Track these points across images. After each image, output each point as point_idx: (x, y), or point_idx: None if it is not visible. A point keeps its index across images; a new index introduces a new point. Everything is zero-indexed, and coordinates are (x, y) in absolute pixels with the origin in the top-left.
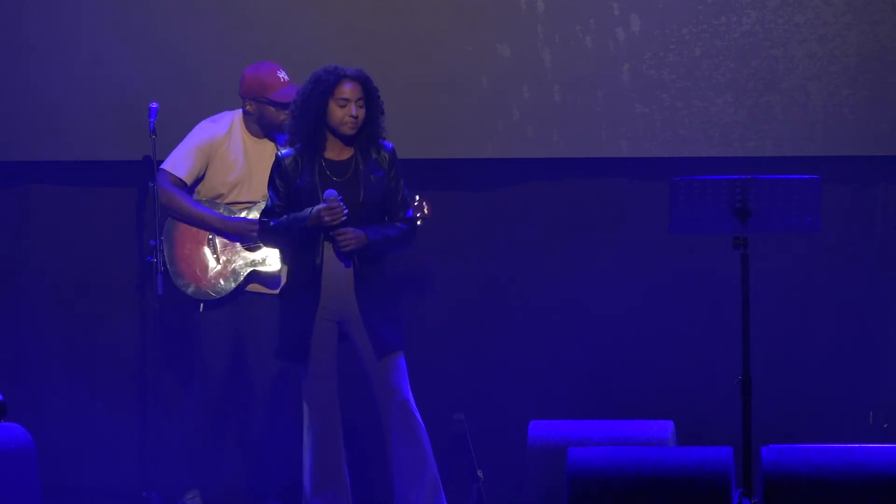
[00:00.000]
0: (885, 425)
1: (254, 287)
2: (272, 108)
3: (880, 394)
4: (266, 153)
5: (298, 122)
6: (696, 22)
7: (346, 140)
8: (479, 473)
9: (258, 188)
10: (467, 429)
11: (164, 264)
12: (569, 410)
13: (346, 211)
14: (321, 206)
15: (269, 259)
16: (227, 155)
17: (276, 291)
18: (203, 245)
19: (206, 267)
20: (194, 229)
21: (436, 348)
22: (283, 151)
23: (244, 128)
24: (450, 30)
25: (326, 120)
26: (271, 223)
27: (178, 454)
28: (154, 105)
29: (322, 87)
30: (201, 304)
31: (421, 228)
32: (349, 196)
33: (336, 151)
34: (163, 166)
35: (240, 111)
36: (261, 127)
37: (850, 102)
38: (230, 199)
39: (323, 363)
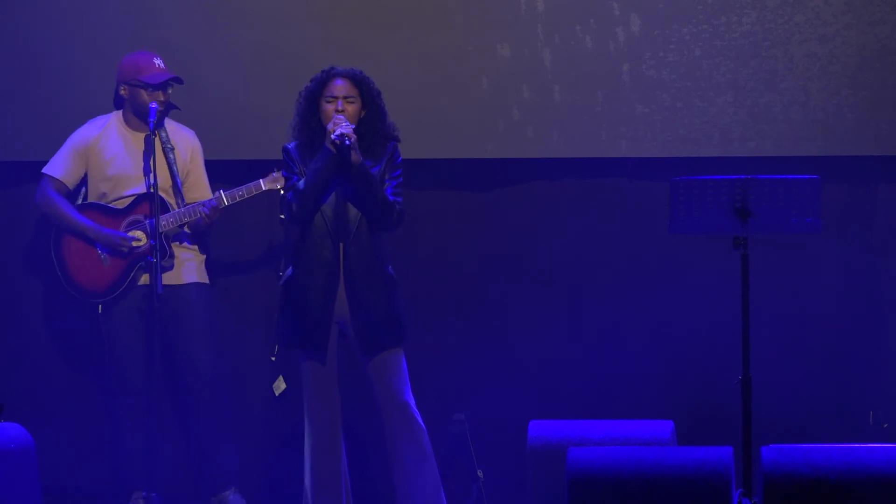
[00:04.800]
0: (886, 425)
1: (147, 279)
2: (143, 92)
3: (880, 394)
4: (148, 146)
5: (299, 120)
6: (696, 22)
7: None
8: (479, 473)
9: (144, 180)
10: (467, 429)
11: (57, 270)
12: (569, 410)
13: (344, 119)
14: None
15: (163, 252)
16: (104, 152)
17: (170, 281)
18: (90, 250)
19: (94, 269)
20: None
21: (436, 348)
22: (289, 144)
23: (123, 123)
24: (450, 30)
25: (321, 117)
26: (299, 183)
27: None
28: (153, 105)
29: (314, 86)
30: (99, 306)
31: (420, 228)
32: (347, 189)
33: None
34: (42, 170)
35: (119, 112)
36: (135, 114)
37: (850, 102)
38: (114, 195)
39: (323, 364)
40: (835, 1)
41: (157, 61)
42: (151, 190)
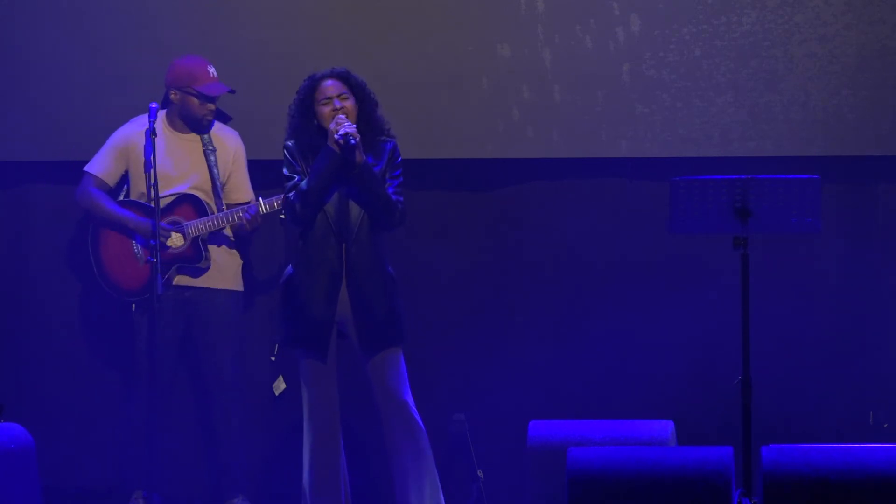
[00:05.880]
0: (886, 425)
1: (182, 280)
2: (195, 101)
3: (880, 394)
4: (190, 146)
5: (297, 132)
6: (696, 22)
7: None
8: (479, 473)
9: (184, 180)
10: (467, 429)
11: (94, 267)
12: (569, 410)
13: (346, 119)
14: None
15: (199, 255)
16: (146, 152)
17: (204, 284)
18: (127, 247)
19: (130, 268)
20: (117, 232)
21: (436, 348)
22: (290, 141)
23: (166, 123)
24: (450, 30)
25: (320, 123)
26: (302, 184)
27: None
28: (154, 105)
29: (302, 96)
30: (133, 305)
31: (421, 227)
32: (349, 188)
33: None
34: (84, 168)
35: (163, 112)
36: (182, 119)
37: (849, 102)
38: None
39: (324, 363)
40: (835, 1)
41: (211, 70)
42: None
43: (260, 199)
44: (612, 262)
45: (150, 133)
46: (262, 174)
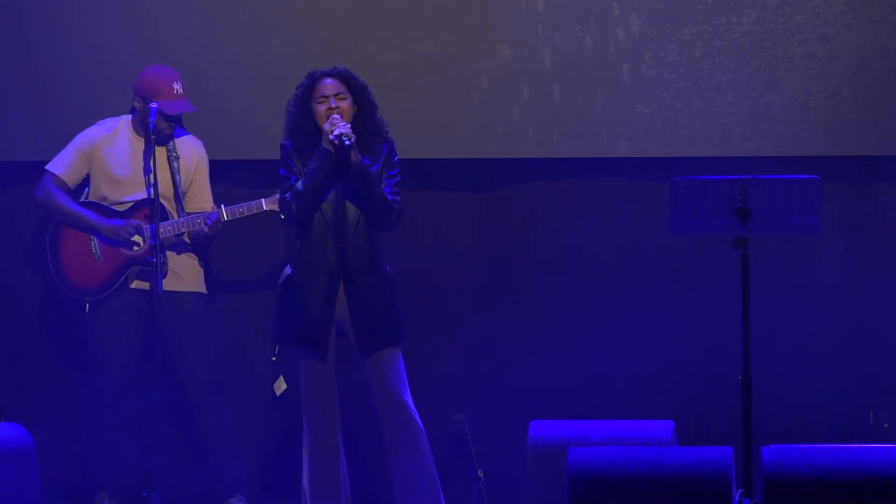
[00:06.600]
0: (886, 425)
1: (140, 284)
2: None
3: (881, 394)
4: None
5: (294, 129)
6: (696, 22)
7: None
8: (480, 473)
9: (146, 186)
10: (468, 428)
11: (50, 265)
12: (569, 410)
13: (341, 119)
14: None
15: (158, 257)
16: (110, 154)
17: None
18: (85, 246)
19: (87, 267)
20: (76, 231)
21: (436, 348)
22: (287, 141)
23: (132, 128)
24: (450, 30)
25: (316, 121)
26: (298, 184)
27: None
28: (154, 105)
29: (301, 92)
30: (87, 304)
31: (421, 228)
32: (346, 188)
33: None
34: (46, 167)
35: (129, 117)
36: (143, 128)
37: (850, 102)
38: (115, 198)
39: (323, 363)
40: (835, 1)
41: (177, 86)
42: (152, 196)
43: (223, 206)
44: (612, 262)
45: (151, 133)
46: (262, 174)
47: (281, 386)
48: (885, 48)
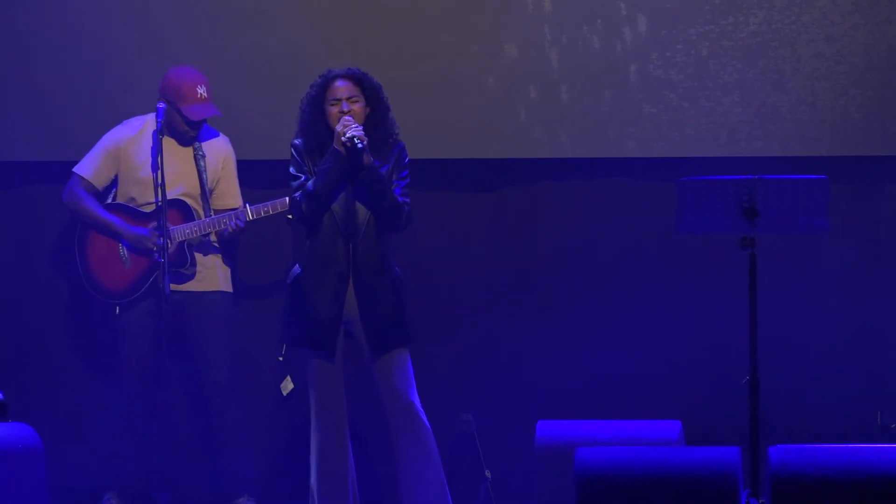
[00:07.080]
0: (893, 425)
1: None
2: (178, 117)
3: (888, 394)
4: (180, 152)
5: (306, 128)
6: (704, 22)
7: None
8: (487, 473)
9: (173, 186)
10: (475, 429)
11: (79, 268)
12: (576, 410)
13: (353, 121)
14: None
15: (184, 260)
16: (137, 155)
17: (189, 288)
18: (114, 249)
19: (116, 270)
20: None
21: (443, 348)
22: (297, 140)
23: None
24: (457, 30)
25: (328, 121)
26: (308, 184)
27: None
28: (161, 105)
29: (315, 92)
30: (116, 307)
31: (429, 228)
32: (356, 189)
33: None
34: (73, 169)
35: (153, 115)
36: (167, 128)
37: (857, 102)
38: (143, 199)
39: (331, 363)
40: (842, 1)
41: (201, 90)
42: (159, 196)
43: (247, 205)
44: (618, 262)
45: (158, 133)
46: (263, 175)
47: (288, 386)
48: (892, 48)
